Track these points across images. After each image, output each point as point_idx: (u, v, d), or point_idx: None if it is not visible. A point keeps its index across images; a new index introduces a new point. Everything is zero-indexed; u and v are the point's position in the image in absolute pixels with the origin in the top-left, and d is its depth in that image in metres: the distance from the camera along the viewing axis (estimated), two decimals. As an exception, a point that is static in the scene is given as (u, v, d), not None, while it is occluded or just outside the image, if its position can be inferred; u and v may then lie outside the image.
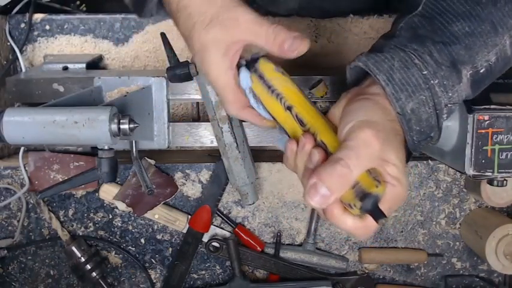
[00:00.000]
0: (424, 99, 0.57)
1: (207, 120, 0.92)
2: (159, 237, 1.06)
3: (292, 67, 1.05)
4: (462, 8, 0.59)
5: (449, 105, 0.58)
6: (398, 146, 0.56)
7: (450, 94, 0.58)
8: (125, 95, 0.82)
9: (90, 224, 1.05)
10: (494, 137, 0.69)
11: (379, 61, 0.57)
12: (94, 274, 1.02)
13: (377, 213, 0.53)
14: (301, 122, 0.60)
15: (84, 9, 1.22)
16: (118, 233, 1.06)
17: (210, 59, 0.60)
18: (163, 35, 0.80)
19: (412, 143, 0.59)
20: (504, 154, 0.70)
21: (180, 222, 1.04)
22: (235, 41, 0.60)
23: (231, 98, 0.63)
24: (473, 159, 0.70)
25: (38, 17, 1.05)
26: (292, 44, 0.60)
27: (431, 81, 0.56)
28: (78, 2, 1.21)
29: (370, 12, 1.03)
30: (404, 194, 0.56)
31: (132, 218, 1.05)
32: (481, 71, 0.59)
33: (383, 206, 0.54)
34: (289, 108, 0.61)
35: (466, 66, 0.58)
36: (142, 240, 1.06)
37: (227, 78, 0.62)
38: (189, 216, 1.04)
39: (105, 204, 1.04)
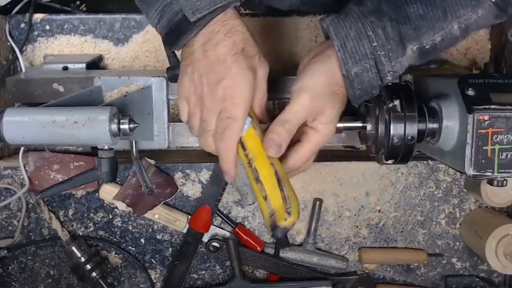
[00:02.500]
0: (368, 66, 0.67)
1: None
2: (159, 237, 1.06)
3: (293, 67, 1.05)
4: None
5: (391, 72, 0.68)
6: (334, 101, 0.69)
7: (393, 64, 0.67)
8: (125, 95, 0.82)
9: (90, 224, 1.05)
10: (494, 137, 0.69)
11: (339, 27, 0.67)
12: (94, 274, 1.02)
13: (283, 242, 0.67)
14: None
15: (84, 9, 1.22)
16: (118, 233, 1.06)
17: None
18: (163, 35, 0.80)
19: (353, 96, 0.69)
20: (504, 154, 0.70)
21: (180, 222, 1.04)
22: None
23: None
24: (473, 159, 0.70)
25: (38, 17, 1.05)
26: None
27: (378, 52, 0.66)
28: (78, 2, 1.21)
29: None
30: (325, 139, 0.71)
31: (132, 218, 1.05)
32: (427, 47, 0.67)
33: (307, 145, 0.70)
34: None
35: (412, 42, 0.67)
36: (142, 240, 1.06)
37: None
38: (189, 216, 1.04)
39: (105, 204, 1.04)
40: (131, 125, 0.72)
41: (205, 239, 1.05)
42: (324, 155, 1.07)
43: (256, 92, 0.69)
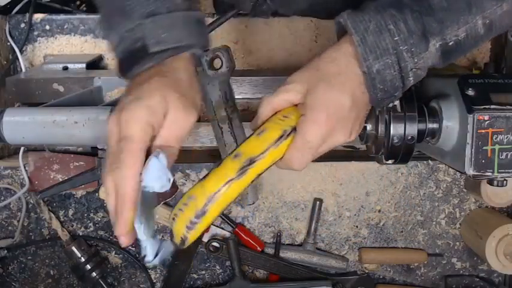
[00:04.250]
0: (390, 62, 0.62)
1: (207, 120, 0.92)
2: (159, 237, 1.06)
3: (292, 67, 1.05)
4: None
5: (414, 69, 0.63)
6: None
7: (416, 60, 0.63)
8: (125, 95, 0.81)
9: (90, 224, 1.05)
10: (494, 137, 0.69)
11: (357, 21, 0.62)
12: (94, 274, 1.02)
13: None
14: None
15: (84, 9, 1.22)
16: (118, 233, 1.06)
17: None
18: (163, 35, 0.80)
19: (375, 98, 0.64)
20: (504, 154, 0.70)
21: (180, 222, 1.03)
22: None
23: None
24: (473, 159, 0.70)
25: (38, 17, 1.05)
26: None
27: (400, 47, 0.62)
28: (78, 2, 1.21)
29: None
30: (316, 128, 0.63)
31: (132, 218, 1.05)
32: (450, 43, 0.64)
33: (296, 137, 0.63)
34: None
35: (435, 37, 0.63)
36: (143, 240, 1.06)
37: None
38: (189, 216, 1.04)
39: (105, 204, 1.04)
40: (131, 125, 0.72)
41: (205, 239, 1.05)
42: (324, 155, 1.07)
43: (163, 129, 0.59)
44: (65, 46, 1.06)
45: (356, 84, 0.63)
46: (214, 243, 1.04)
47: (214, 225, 1.05)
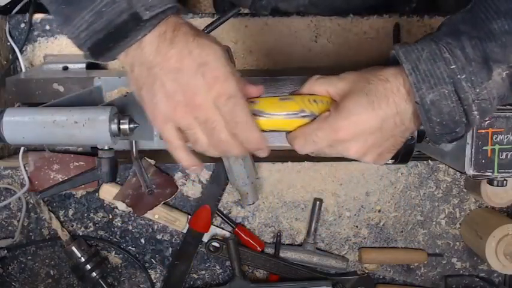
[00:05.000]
0: (446, 92, 0.58)
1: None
2: (159, 237, 1.06)
3: (293, 67, 1.05)
4: (506, 6, 0.59)
5: (477, 101, 0.58)
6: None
7: (478, 90, 0.58)
8: (125, 95, 0.82)
9: (90, 224, 1.05)
10: (494, 137, 0.69)
11: (409, 50, 0.59)
12: (94, 274, 1.02)
13: None
14: None
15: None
16: (118, 233, 1.06)
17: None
18: (163, 35, 0.80)
19: (432, 133, 0.61)
20: (504, 154, 0.70)
21: (180, 222, 1.04)
22: None
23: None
24: (473, 159, 0.70)
25: (38, 17, 1.05)
26: None
27: (458, 76, 0.57)
28: (78, 2, 1.21)
29: (381, 10, 1.03)
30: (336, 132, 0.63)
31: (132, 218, 1.05)
32: None
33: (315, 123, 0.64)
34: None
35: (500, 65, 0.58)
36: (143, 240, 1.06)
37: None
38: (189, 216, 1.04)
39: (105, 204, 1.04)
40: (131, 125, 0.72)
41: (205, 239, 1.05)
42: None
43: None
44: (64, 46, 1.06)
45: (393, 113, 0.60)
46: (214, 243, 1.04)
47: (214, 225, 1.05)
